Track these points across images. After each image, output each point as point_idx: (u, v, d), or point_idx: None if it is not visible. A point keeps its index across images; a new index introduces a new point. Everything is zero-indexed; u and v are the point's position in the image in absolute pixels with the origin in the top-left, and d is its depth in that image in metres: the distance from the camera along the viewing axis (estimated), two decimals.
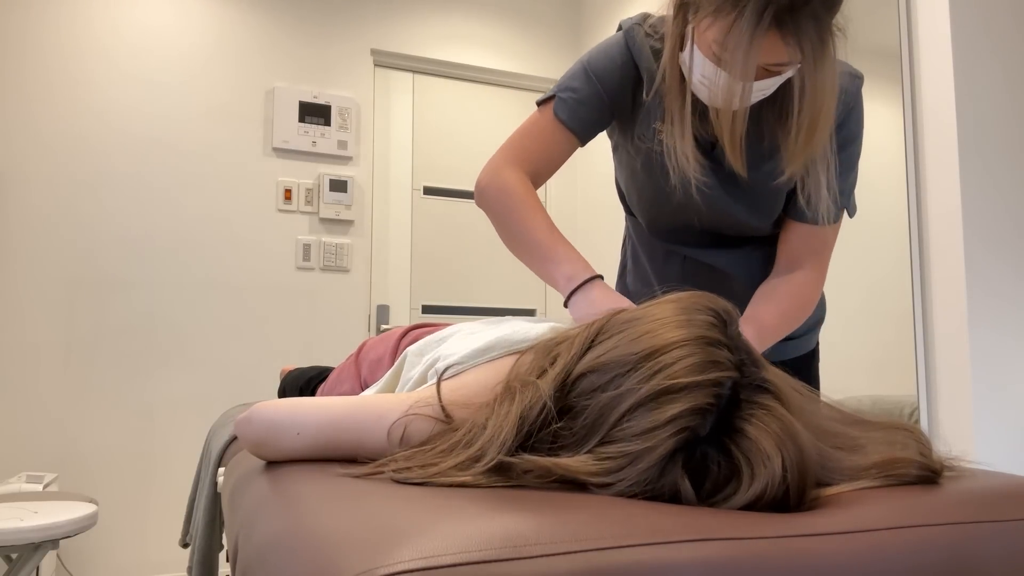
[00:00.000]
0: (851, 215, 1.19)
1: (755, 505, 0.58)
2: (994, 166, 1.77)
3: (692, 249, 1.25)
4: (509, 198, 1.12)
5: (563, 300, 1.06)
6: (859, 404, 1.96)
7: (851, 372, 2.00)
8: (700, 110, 1.08)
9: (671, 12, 1.04)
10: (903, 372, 1.84)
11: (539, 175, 1.17)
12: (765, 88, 0.99)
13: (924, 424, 1.77)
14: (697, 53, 0.99)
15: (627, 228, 1.39)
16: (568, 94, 1.16)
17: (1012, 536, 0.58)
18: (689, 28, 1.00)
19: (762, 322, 1.09)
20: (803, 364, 1.34)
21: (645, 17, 1.16)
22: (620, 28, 1.17)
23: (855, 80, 1.13)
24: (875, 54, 2.00)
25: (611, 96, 1.15)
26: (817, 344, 1.38)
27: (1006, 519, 0.59)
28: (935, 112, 1.80)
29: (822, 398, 0.76)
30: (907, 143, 1.85)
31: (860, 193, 1.20)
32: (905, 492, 0.63)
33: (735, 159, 1.04)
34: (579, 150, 1.22)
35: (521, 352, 0.77)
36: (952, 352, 1.74)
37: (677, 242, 1.26)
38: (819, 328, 1.38)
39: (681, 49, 1.03)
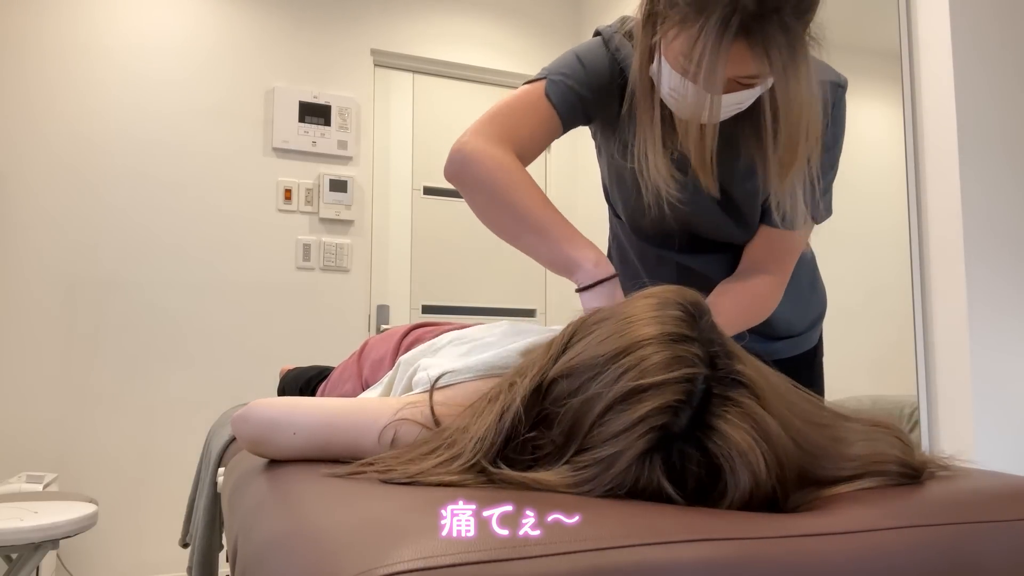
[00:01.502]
0: (818, 220, 1.13)
1: (749, 503, 0.57)
2: (994, 166, 1.77)
3: (679, 254, 1.23)
4: (508, 173, 1.03)
5: (580, 285, 0.99)
6: (859, 404, 1.96)
7: (851, 372, 2.00)
8: (674, 124, 1.03)
9: (640, 23, 1.01)
10: (903, 372, 1.84)
11: (523, 158, 1.08)
12: (739, 102, 0.96)
13: (924, 424, 1.76)
14: (665, 65, 0.95)
15: (612, 227, 1.36)
16: (560, 78, 1.09)
17: (1012, 536, 0.58)
18: (657, 39, 0.97)
19: None
20: (805, 361, 1.33)
21: (623, 22, 1.12)
22: (598, 34, 1.13)
23: (838, 89, 1.09)
24: (875, 54, 2.00)
25: (599, 93, 1.10)
26: (820, 340, 1.37)
27: (1006, 519, 0.59)
28: (935, 112, 1.80)
29: (804, 393, 0.74)
30: (907, 143, 1.85)
31: (861, 193, 1.19)
32: (905, 492, 0.63)
33: (705, 175, 0.99)
34: (583, 152, 1.18)
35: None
36: (952, 352, 1.73)
37: (663, 246, 1.24)
38: (820, 324, 1.36)
39: (651, 61, 1.00)
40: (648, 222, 1.18)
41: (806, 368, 1.33)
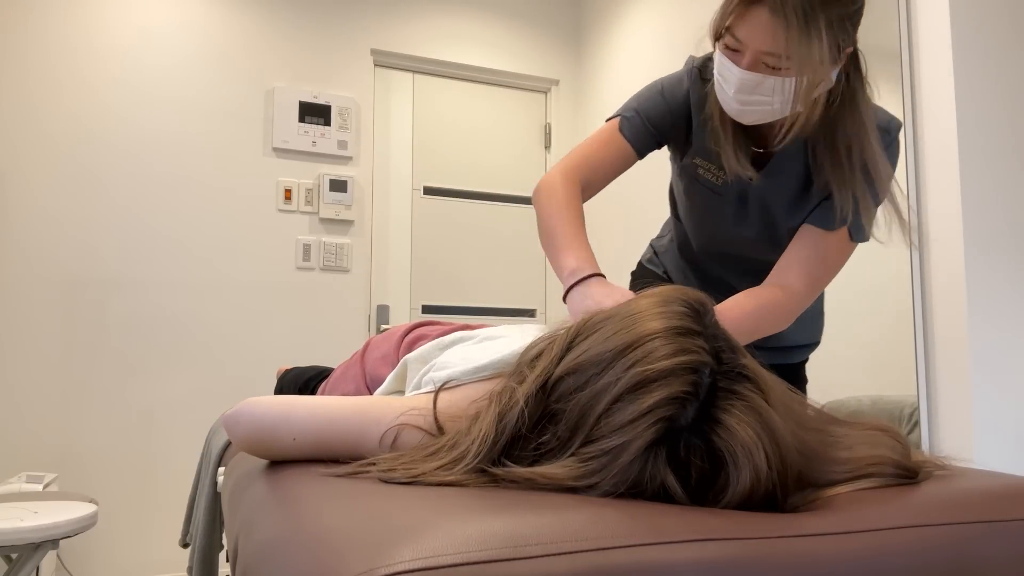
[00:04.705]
0: (854, 239, 1.17)
1: (749, 500, 0.57)
2: (994, 166, 1.77)
3: (731, 273, 1.31)
4: (551, 196, 1.18)
5: (562, 293, 1.08)
6: (859, 404, 1.96)
7: (851, 372, 2.00)
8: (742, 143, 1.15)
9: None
10: (903, 372, 1.84)
11: (591, 183, 1.24)
12: (764, 98, 1.01)
13: (924, 424, 1.76)
14: (717, 55, 1.05)
15: (674, 227, 1.45)
16: (632, 114, 1.25)
17: (1012, 536, 0.58)
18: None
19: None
20: (788, 370, 1.37)
21: (711, 56, 1.21)
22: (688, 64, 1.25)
23: (884, 135, 1.13)
24: (875, 54, 2.00)
25: (673, 118, 1.24)
26: (804, 363, 1.45)
27: (1006, 519, 0.59)
28: (935, 112, 1.80)
29: (799, 397, 0.75)
30: (907, 143, 1.85)
31: None
32: (904, 492, 0.63)
33: (729, 160, 1.11)
34: None
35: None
36: (952, 352, 1.73)
37: (715, 262, 1.34)
38: (810, 349, 1.43)
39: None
40: (706, 238, 1.31)
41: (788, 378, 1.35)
